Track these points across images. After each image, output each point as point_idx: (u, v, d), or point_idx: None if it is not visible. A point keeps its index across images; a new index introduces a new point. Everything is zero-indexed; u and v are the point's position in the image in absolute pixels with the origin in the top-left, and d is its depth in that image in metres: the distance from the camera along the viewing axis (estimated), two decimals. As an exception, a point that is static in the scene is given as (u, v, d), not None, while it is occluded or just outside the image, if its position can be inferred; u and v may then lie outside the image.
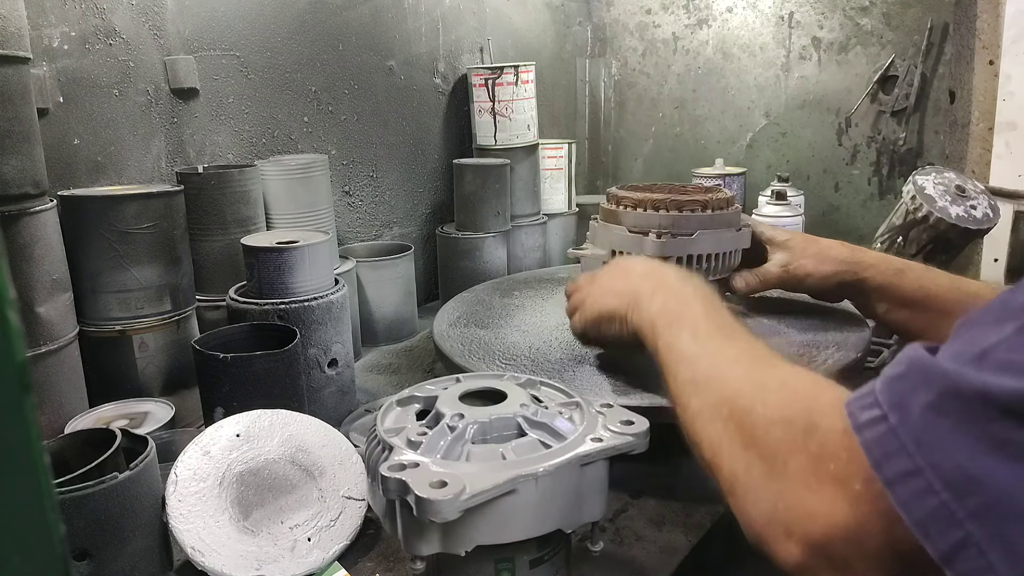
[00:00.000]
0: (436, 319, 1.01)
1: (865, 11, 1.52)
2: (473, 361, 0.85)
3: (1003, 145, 1.33)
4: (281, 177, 1.08)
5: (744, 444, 0.43)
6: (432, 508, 0.46)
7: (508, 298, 1.10)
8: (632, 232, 0.88)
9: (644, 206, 0.88)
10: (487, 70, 1.41)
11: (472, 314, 1.02)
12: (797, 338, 0.89)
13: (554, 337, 0.92)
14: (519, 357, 0.86)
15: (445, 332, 0.95)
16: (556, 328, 0.94)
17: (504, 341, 0.91)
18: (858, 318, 0.93)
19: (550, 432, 0.56)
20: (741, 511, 0.43)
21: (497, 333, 0.94)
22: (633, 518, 0.71)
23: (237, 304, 0.88)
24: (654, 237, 0.86)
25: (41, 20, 0.90)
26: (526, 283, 1.19)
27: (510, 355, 0.86)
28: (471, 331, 0.96)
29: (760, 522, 0.41)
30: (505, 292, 1.13)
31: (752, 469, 0.42)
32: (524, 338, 0.92)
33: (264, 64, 1.16)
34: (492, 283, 1.21)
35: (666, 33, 1.80)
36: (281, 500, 0.66)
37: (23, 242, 0.77)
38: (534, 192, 1.48)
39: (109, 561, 0.57)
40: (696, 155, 1.78)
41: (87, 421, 0.82)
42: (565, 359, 0.84)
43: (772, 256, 0.88)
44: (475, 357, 0.86)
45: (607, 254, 0.90)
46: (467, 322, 0.99)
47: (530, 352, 0.87)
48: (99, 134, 0.98)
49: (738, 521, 0.43)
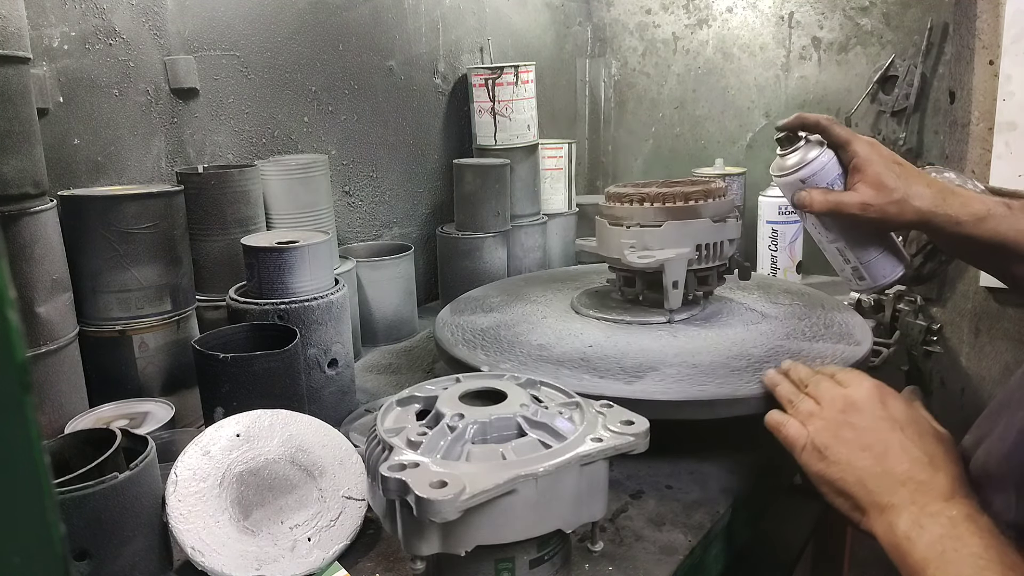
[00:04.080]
0: (437, 319, 1.01)
1: (865, 11, 1.52)
2: (493, 358, 0.85)
3: (1003, 145, 1.33)
4: (281, 177, 1.08)
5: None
6: (432, 508, 0.46)
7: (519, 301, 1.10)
8: (641, 226, 0.90)
9: (651, 200, 0.90)
10: (487, 70, 1.41)
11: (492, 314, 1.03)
12: (800, 342, 0.89)
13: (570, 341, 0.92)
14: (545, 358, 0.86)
15: (460, 322, 0.96)
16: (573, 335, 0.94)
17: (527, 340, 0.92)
18: (861, 316, 0.93)
19: (550, 432, 0.56)
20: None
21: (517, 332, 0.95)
22: (633, 518, 0.71)
23: (237, 304, 0.88)
24: (662, 228, 0.90)
25: (41, 20, 0.90)
26: (529, 283, 1.19)
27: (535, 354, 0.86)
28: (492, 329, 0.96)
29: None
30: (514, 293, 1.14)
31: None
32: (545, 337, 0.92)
33: (264, 64, 1.16)
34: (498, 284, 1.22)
35: (666, 33, 1.80)
36: (281, 500, 0.66)
37: (23, 242, 0.77)
38: (534, 192, 1.48)
39: (109, 561, 0.57)
40: (696, 155, 1.78)
41: (87, 421, 0.82)
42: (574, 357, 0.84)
43: (854, 184, 0.80)
44: (494, 353, 0.86)
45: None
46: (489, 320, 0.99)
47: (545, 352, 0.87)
48: (99, 134, 0.98)
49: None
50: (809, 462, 0.62)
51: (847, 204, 0.79)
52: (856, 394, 0.62)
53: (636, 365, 0.81)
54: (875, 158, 0.79)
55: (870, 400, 0.62)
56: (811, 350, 0.84)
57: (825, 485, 0.61)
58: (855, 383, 0.65)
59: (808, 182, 0.82)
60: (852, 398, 0.62)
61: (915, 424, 0.60)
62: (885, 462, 0.58)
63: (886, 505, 0.56)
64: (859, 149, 0.79)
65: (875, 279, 0.87)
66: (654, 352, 0.85)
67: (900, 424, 0.60)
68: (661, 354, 0.84)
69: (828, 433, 0.61)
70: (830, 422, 0.62)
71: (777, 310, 0.98)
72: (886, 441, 0.59)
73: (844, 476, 0.59)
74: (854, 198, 0.79)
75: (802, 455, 0.63)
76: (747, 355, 0.83)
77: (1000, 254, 0.75)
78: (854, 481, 0.59)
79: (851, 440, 0.60)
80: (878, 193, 0.77)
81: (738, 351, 0.84)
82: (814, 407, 0.64)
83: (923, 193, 0.76)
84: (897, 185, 0.77)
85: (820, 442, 0.61)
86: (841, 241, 0.85)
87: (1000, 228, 0.74)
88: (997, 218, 0.74)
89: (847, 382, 0.66)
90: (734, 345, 0.86)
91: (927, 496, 0.55)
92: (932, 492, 0.56)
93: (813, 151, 0.82)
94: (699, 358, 0.83)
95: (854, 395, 0.62)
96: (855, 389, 0.64)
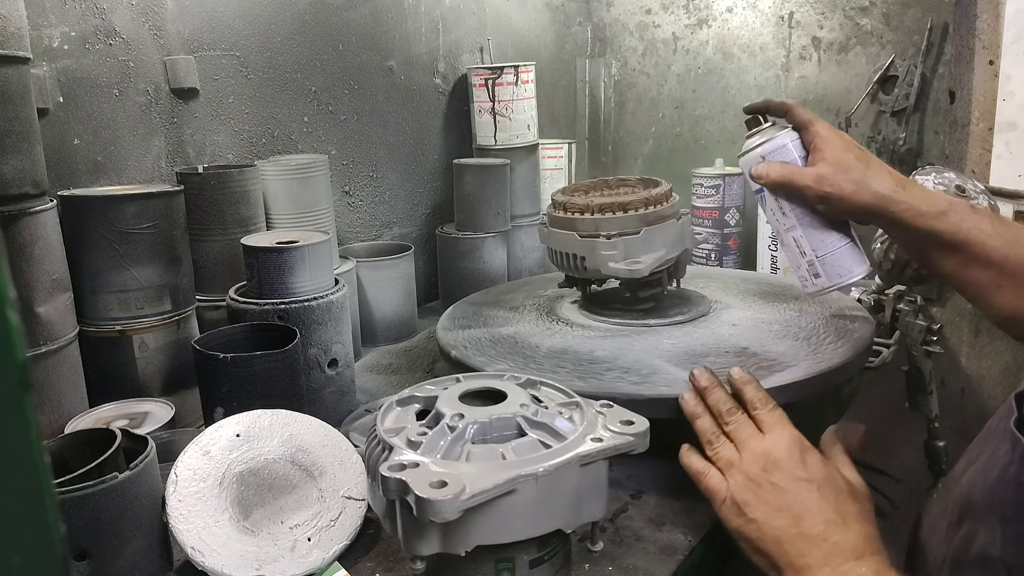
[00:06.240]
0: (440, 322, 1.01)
1: (865, 11, 1.51)
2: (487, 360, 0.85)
3: (1003, 145, 1.33)
4: (281, 177, 1.08)
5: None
6: (432, 508, 0.46)
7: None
8: (583, 237, 0.91)
9: (591, 211, 0.90)
10: (487, 70, 1.41)
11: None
12: (798, 344, 0.89)
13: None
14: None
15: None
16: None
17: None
18: (861, 316, 0.93)
19: (550, 432, 0.56)
20: None
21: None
22: (633, 518, 0.72)
23: (237, 304, 0.88)
24: (604, 239, 0.91)
25: (41, 20, 0.90)
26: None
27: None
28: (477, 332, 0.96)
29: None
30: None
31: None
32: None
33: (264, 64, 1.16)
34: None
35: (666, 33, 1.80)
36: (281, 500, 0.66)
37: (23, 242, 0.77)
38: (534, 192, 1.48)
39: (109, 561, 0.57)
40: (696, 155, 1.78)
41: (87, 421, 0.82)
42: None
43: (814, 162, 0.78)
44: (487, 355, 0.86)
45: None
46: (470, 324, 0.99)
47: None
48: (99, 134, 0.98)
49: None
50: (728, 516, 0.63)
51: (803, 175, 0.77)
52: (776, 451, 0.63)
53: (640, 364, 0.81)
54: (836, 139, 0.77)
55: (790, 458, 0.62)
56: (807, 345, 0.84)
57: (743, 541, 0.62)
58: (775, 432, 0.65)
59: (768, 159, 0.81)
60: (773, 456, 0.62)
61: (831, 483, 0.61)
62: (801, 524, 0.59)
63: (801, 566, 0.58)
64: (820, 130, 0.78)
65: (831, 276, 0.81)
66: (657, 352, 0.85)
67: (817, 484, 0.61)
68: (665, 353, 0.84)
69: (748, 491, 0.62)
70: (750, 479, 0.62)
71: (770, 303, 0.98)
72: (803, 502, 0.60)
73: (762, 535, 0.60)
74: (810, 171, 0.77)
75: (721, 508, 0.64)
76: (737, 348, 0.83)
77: (960, 253, 0.72)
78: (771, 540, 0.60)
79: (770, 500, 0.61)
80: (835, 170, 0.75)
81: (734, 343, 0.84)
82: (734, 456, 0.65)
83: (883, 178, 0.74)
84: (856, 165, 0.75)
85: (740, 498, 0.62)
86: (798, 228, 0.81)
87: (963, 224, 0.72)
88: (960, 214, 0.72)
89: (767, 426, 0.65)
90: (730, 338, 0.86)
91: (839, 556, 0.57)
92: (844, 552, 0.57)
93: (776, 131, 0.82)
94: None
95: (774, 452, 0.63)
96: (775, 443, 0.64)
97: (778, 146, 0.81)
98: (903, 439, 1.43)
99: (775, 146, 0.81)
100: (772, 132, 0.82)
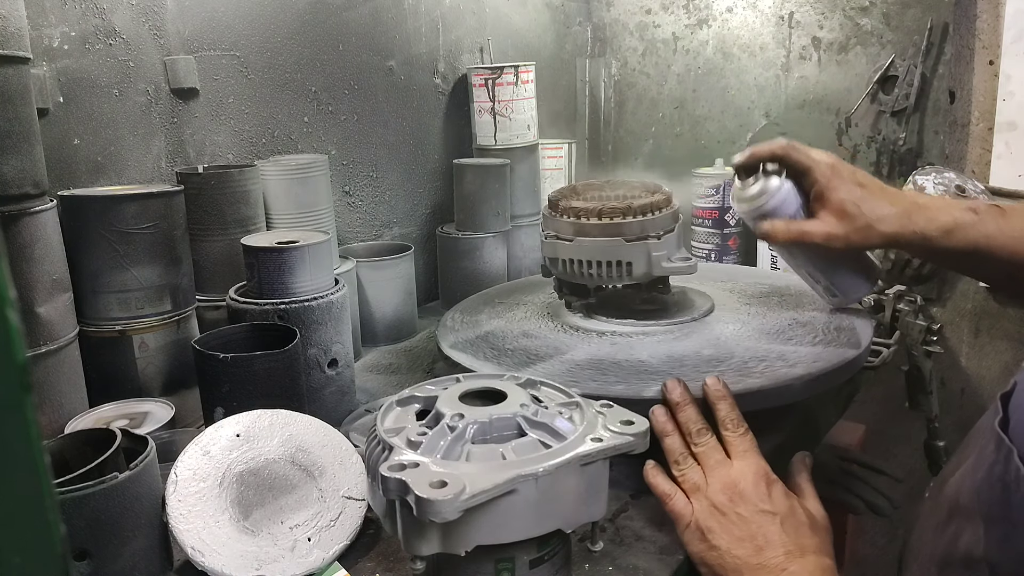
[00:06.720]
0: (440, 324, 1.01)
1: (865, 11, 1.52)
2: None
3: (1003, 145, 1.33)
4: (281, 177, 1.08)
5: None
6: (432, 508, 0.46)
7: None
8: (630, 241, 0.90)
9: (633, 213, 0.90)
10: (487, 70, 1.41)
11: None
12: (798, 343, 0.89)
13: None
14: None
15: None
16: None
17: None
18: (861, 316, 0.93)
19: (550, 432, 0.56)
20: None
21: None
22: (633, 518, 0.72)
23: (237, 304, 0.88)
24: (655, 240, 0.89)
25: (41, 20, 0.90)
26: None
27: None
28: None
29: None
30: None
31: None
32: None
33: (264, 64, 1.16)
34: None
35: (666, 33, 1.80)
36: (281, 500, 0.66)
37: (23, 242, 0.77)
38: (534, 192, 1.48)
39: (109, 561, 0.57)
40: (696, 155, 1.78)
41: (87, 421, 0.82)
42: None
43: (817, 213, 0.80)
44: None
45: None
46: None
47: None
48: (99, 134, 0.98)
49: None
50: (691, 541, 0.64)
51: (811, 234, 0.79)
52: (743, 482, 0.64)
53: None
54: (836, 184, 0.78)
55: (756, 490, 0.63)
56: (807, 344, 0.84)
57: (704, 567, 0.63)
58: (745, 461, 0.65)
59: (770, 215, 0.81)
60: (739, 487, 0.63)
61: (793, 516, 0.63)
62: (762, 554, 0.60)
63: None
64: (819, 176, 0.79)
65: (848, 295, 0.89)
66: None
67: (780, 516, 0.62)
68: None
69: (713, 519, 0.63)
70: (716, 507, 0.63)
71: (768, 303, 0.98)
72: (766, 534, 0.61)
73: (723, 563, 0.61)
74: (818, 228, 0.79)
75: (685, 532, 0.64)
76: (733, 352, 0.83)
77: (975, 259, 0.76)
78: (731, 568, 0.61)
79: (733, 530, 0.62)
80: (841, 222, 0.77)
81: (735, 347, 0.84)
82: (701, 481, 0.65)
83: (888, 216, 0.76)
84: (860, 212, 0.77)
85: (704, 524, 0.63)
86: (809, 265, 0.86)
87: (969, 236, 0.74)
88: (965, 227, 0.74)
89: (737, 453, 0.66)
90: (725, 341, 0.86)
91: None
92: None
93: (773, 182, 0.81)
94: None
95: (741, 483, 0.64)
96: (742, 473, 0.64)
97: (778, 202, 0.81)
98: (903, 439, 1.43)
99: (775, 202, 0.81)
100: (767, 183, 0.82)
